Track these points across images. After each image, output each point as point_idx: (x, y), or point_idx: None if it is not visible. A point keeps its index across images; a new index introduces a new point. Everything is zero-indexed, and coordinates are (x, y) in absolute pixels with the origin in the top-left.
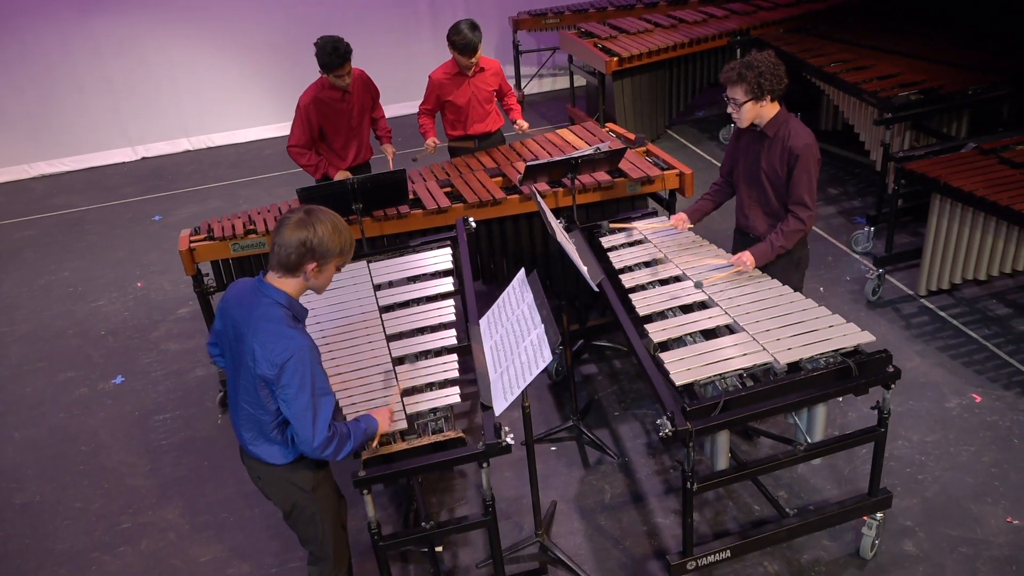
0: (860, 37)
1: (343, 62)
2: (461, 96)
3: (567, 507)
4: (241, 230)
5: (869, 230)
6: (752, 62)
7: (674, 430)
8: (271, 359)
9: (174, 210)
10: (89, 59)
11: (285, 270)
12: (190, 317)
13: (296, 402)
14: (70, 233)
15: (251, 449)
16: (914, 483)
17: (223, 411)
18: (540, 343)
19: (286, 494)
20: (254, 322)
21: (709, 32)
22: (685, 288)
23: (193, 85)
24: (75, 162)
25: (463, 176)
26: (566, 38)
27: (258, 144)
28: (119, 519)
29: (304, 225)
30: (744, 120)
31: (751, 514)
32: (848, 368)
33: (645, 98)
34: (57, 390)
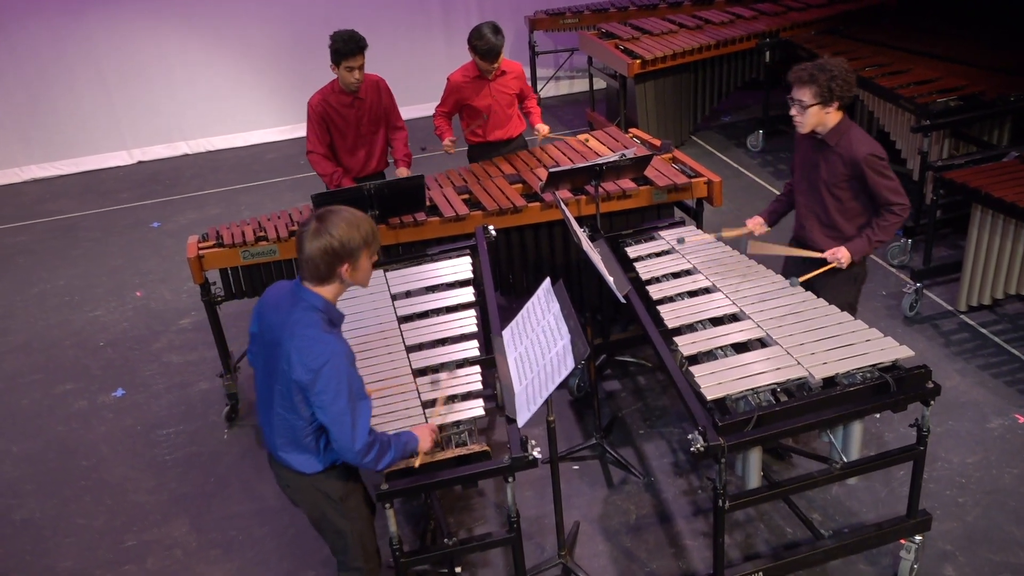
0: (896, 39)
1: (357, 50)
2: (481, 100)
3: (590, 528)
4: (252, 237)
5: (906, 242)
6: (826, 65)
7: (706, 445)
8: (306, 364)
9: (173, 216)
10: (83, 57)
11: (319, 280)
12: (193, 328)
13: (333, 407)
14: (64, 239)
15: (281, 456)
16: (954, 506)
17: (229, 425)
18: (566, 354)
19: (315, 503)
20: (290, 326)
21: (736, 34)
22: (715, 300)
23: (192, 85)
24: (68, 165)
25: (481, 182)
26: (585, 39)
27: (260, 148)
28: (123, 536)
29: (320, 233)
30: (806, 125)
31: (784, 537)
32: (886, 384)
33: (669, 102)
34: (55, 403)
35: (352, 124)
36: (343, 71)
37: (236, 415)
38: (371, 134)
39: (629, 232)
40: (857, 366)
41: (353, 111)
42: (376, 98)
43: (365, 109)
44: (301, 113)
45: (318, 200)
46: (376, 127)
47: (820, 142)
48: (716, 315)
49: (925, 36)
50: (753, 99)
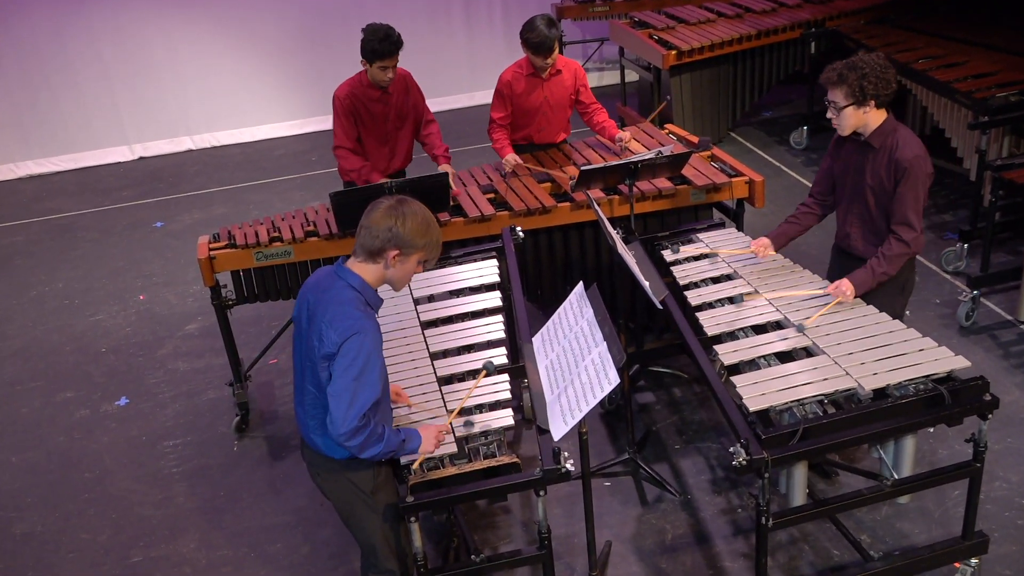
0: (951, 30)
1: (393, 51)
2: (532, 101)
3: (623, 548)
4: (265, 237)
5: (962, 247)
6: (856, 63)
7: (749, 459)
8: (334, 337)
9: (177, 216)
10: (85, 49)
11: (367, 254)
12: (199, 334)
13: (340, 380)
14: (62, 240)
15: (313, 438)
16: (1014, 528)
17: (239, 437)
18: (603, 362)
19: (344, 493)
20: (325, 303)
21: (779, 23)
22: (759, 307)
23: (197, 78)
24: (66, 162)
25: (508, 181)
26: (617, 28)
27: (268, 144)
28: (129, 552)
29: (395, 212)
30: (845, 127)
31: (829, 559)
32: (940, 396)
33: (706, 96)
34: (56, 411)
35: (380, 120)
36: (375, 70)
37: (246, 426)
38: (396, 131)
39: (665, 234)
40: (910, 377)
41: (381, 106)
42: (404, 93)
43: (392, 104)
44: (312, 108)
45: (337, 198)
46: (402, 123)
47: (864, 145)
48: (758, 322)
49: (983, 26)
50: (797, 93)
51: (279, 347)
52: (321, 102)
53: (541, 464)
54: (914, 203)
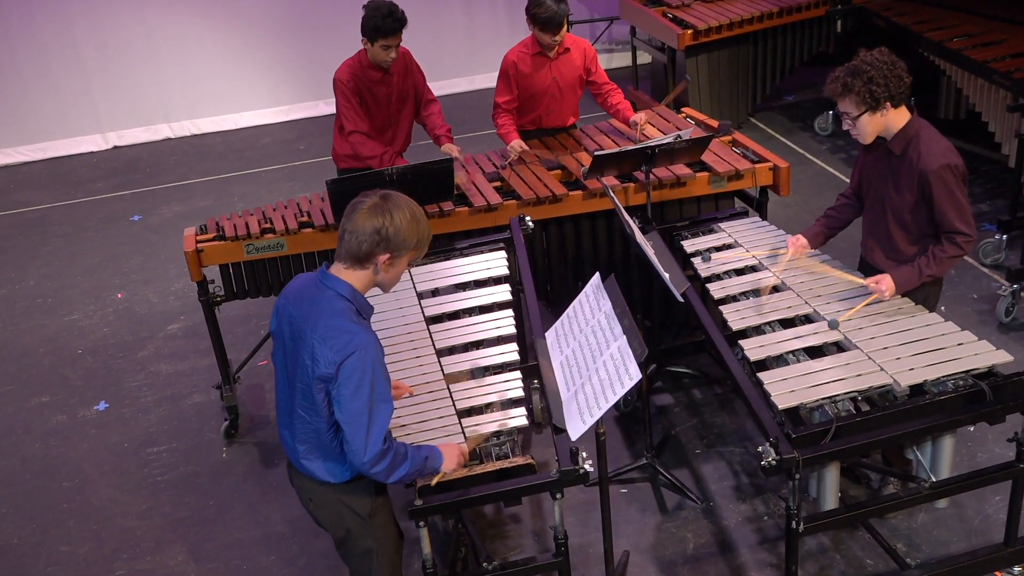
0: (988, 6)
1: (398, 29)
2: (539, 82)
3: (642, 558)
4: (257, 229)
5: (1001, 238)
6: (858, 67)
7: (779, 458)
8: (330, 356)
9: (155, 209)
10: (56, 31)
11: (354, 261)
12: (183, 334)
13: (351, 404)
14: (32, 235)
15: (304, 464)
16: None
17: (228, 443)
18: (623, 357)
19: (339, 519)
20: (315, 317)
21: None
22: (786, 299)
23: (177, 62)
24: (36, 151)
25: (515, 169)
26: (628, 6)
27: (253, 132)
28: (112, 565)
29: (380, 212)
30: (866, 136)
31: (863, 569)
32: (981, 392)
33: (724, 79)
34: (30, 417)
35: (382, 103)
36: (378, 49)
37: (236, 431)
38: (398, 112)
39: (685, 224)
40: (948, 372)
41: (383, 88)
42: (404, 73)
43: (394, 85)
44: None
45: (334, 186)
46: (403, 104)
47: (887, 150)
48: (786, 316)
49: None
50: (820, 77)
51: (269, 348)
52: (310, 87)
53: (558, 465)
54: (956, 209)
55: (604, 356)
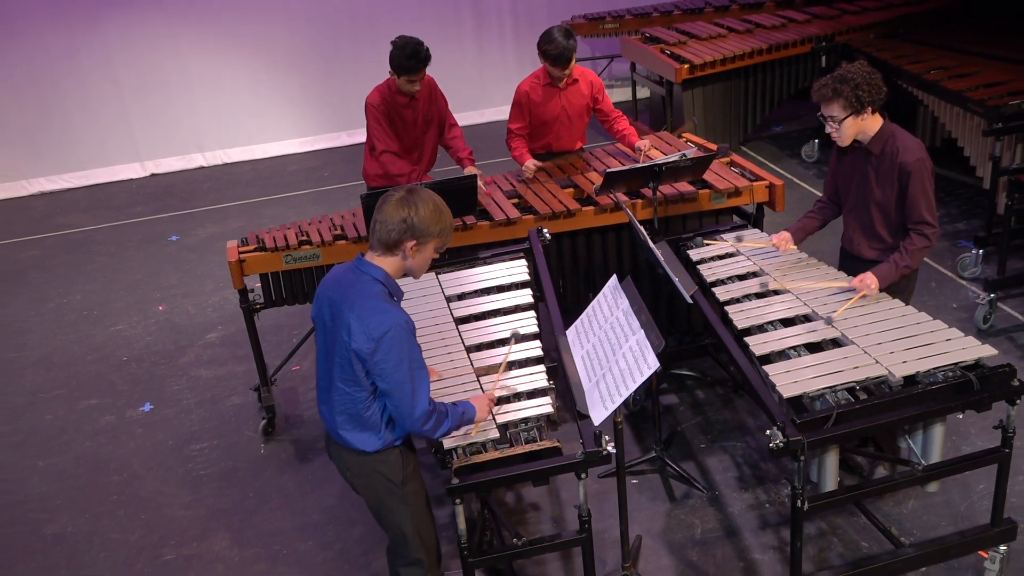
0: (961, 42)
1: (421, 67)
2: (550, 110)
3: (653, 542)
4: (294, 240)
5: (977, 253)
6: (845, 75)
7: (786, 441)
8: (368, 333)
9: (191, 230)
10: (97, 66)
11: (385, 248)
12: (220, 343)
13: (394, 376)
14: (77, 254)
15: (341, 434)
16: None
17: (266, 440)
18: (642, 349)
19: (374, 486)
20: (351, 298)
21: (789, 38)
22: (786, 302)
23: (210, 96)
24: (78, 178)
25: (531, 187)
26: (628, 44)
27: (280, 160)
28: (161, 551)
29: (406, 203)
30: (845, 138)
31: (858, 551)
32: (969, 382)
33: (718, 110)
34: (80, 418)
35: (409, 126)
36: (403, 82)
37: (272, 429)
38: (424, 135)
39: (690, 235)
40: (938, 364)
41: (410, 112)
42: (429, 99)
43: (420, 110)
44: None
45: (368, 200)
46: (428, 128)
47: (865, 152)
48: (787, 316)
49: (993, 38)
50: (806, 110)
51: (300, 355)
52: (332, 119)
53: (583, 447)
54: (926, 201)
55: (623, 349)
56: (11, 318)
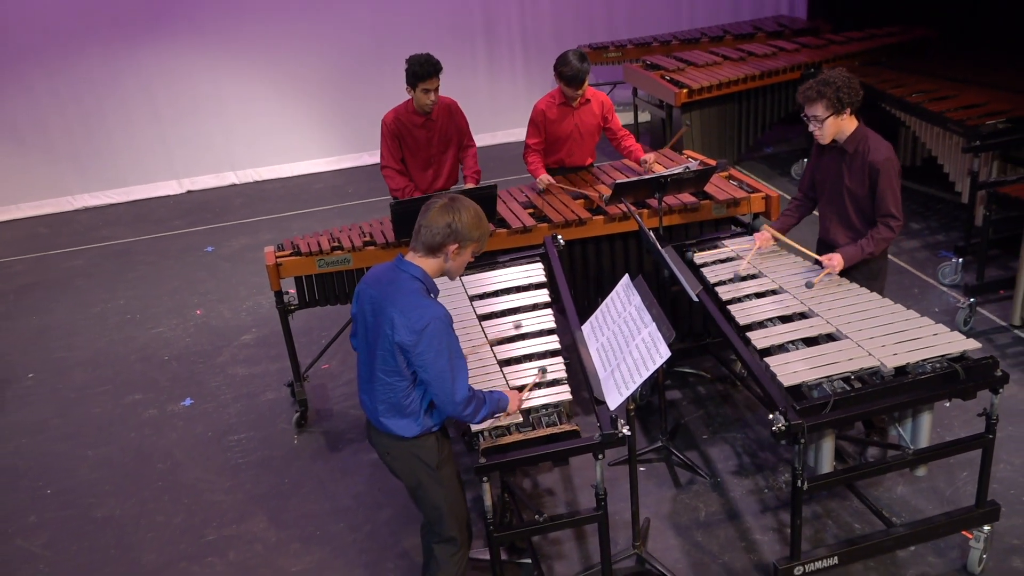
0: (939, 69)
1: (432, 72)
2: (564, 127)
3: (661, 524)
4: (327, 246)
5: (957, 262)
6: (827, 78)
7: (787, 424)
8: (410, 326)
9: (225, 242)
10: (138, 91)
11: (428, 250)
12: (254, 344)
13: (435, 366)
14: (119, 263)
15: (383, 422)
16: (1019, 504)
17: (299, 431)
18: (654, 340)
19: (412, 469)
20: (393, 294)
21: (779, 65)
22: (784, 300)
23: (242, 118)
24: (119, 195)
25: (545, 198)
26: (631, 71)
27: (307, 178)
28: (203, 531)
29: (450, 210)
30: (826, 136)
31: (852, 532)
32: (955, 372)
33: (714, 132)
34: (125, 412)
35: (423, 144)
36: (419, 93)
37: (305, 421)
38: (440, 154)
39: (693, 241)
40: (927, 356)
41: (424, 132)
42: (448, 120)
43: (436, 130)
44: (346, 145)
45: (397, 208)
46: (446, 147)
47: (841, 150)
48: (785, 313)
49: (969, 65)
50: (794, 133)
51: (329, 354)
52: (355, 140)
53: (600, 430)
54: (893, 197)
55: (636, 340)
56: (60, 321)
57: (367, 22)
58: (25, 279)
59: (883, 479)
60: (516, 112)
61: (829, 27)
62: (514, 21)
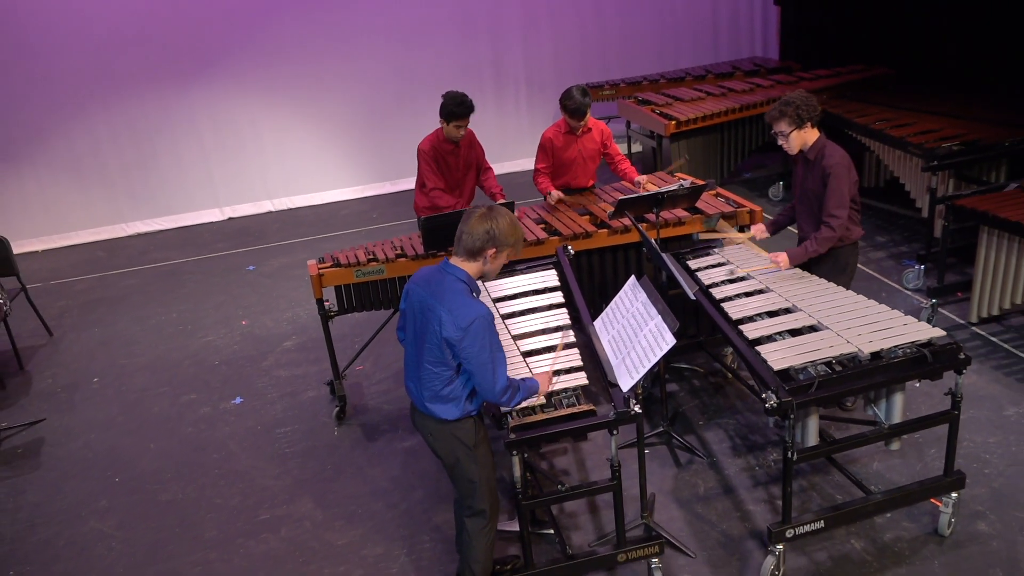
0: (897, 101)
1: (467, 113)
2: (569, 153)
3: (664, 499)
4: (364, 258)
5: (919, 268)
6: (788, 99)
7: (779, 401)
8: (457, 323)
9: (265, 261)
10: (186, 128)
11: (469, 254)
12: (295, 349)
13: (479, 358)
14: (170, 282)
15: (428, 406)
16: (981, 476)
17: (339, 424)
18: (660, 330)
19: (451, 448)
20: (441, 294)
21: (757, 99)
22: (770, 298)
23: (277, 152)
24: (168, 222)
25: (555, 214)
26: (624, 106)
27: (335, 205)
28: (257, 512)
29: (488, 218)
30: (793, 147)
31: (834, 501)
32: (923, 356)
33: (699, 159)
34: (182, 409)
35: (453, 169)
36: (451, 128)
37: (344, 415)
38: (464, 176)
39: (687, 251)
40: (898, 343)
41: (454, 158)
42: (469, 148)
43: (462, 156)
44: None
45: (426, 224)
46: (468, 170)
47: (806, 158)
48: (772, 309)
49: (922, 97)
50: (771, 160)
51: (363, 357)
52: (380, 170)
53: (614, 408)
54: (837, 198)
55: (644, 331)
56: (120, 331)
57: (388, 64)
58: (87, 296)
59: (860, 457)
60: (521, 144)
61: (799, 66)
62: (519, 63)
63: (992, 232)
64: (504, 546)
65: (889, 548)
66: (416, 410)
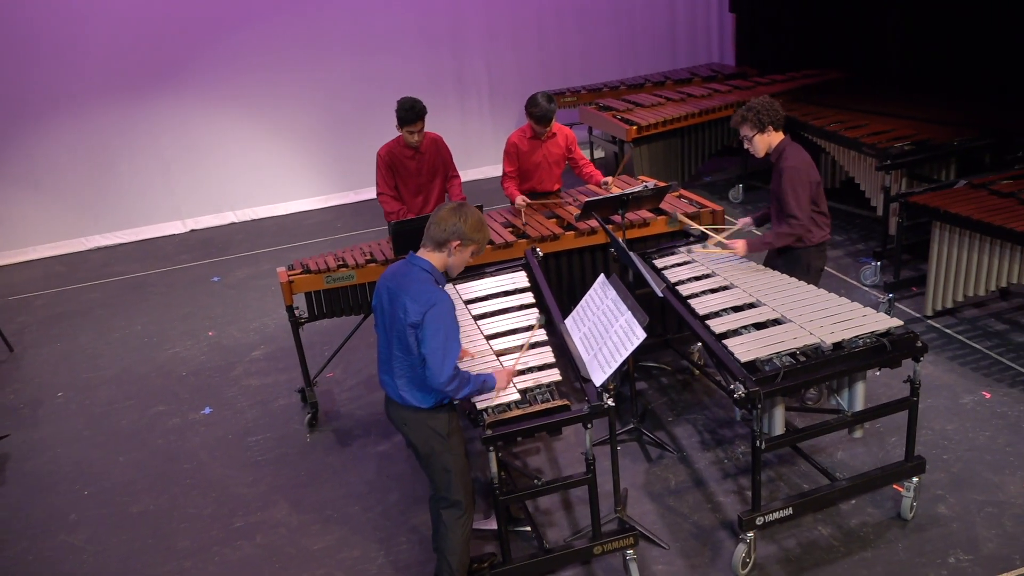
0: (850, 103)
1: (416, 119)
2: (534, 158)
3: (637, 493)
4: (333, 264)
5: (876, 265)
6: (751, 104)
7: (747, 391)
8: (418, 308)
9: (230, 272)
10: (146, 140)
11: (435, 244)
12: (264, 358)
13: (432, 342)
14: (134, 294)
15: (401, 395)
16: (940, 461)
17: (311, 430)
18: (630, 325)
19: (426, 437)
20: (406, 283)
21: (716, 104)
22: (735, 294)
23: (239, 162)
24: (129, 235)
25: (522, 217)
26: (586, 112)
27: (299, 215)
28: (232, 520)
29: (458, 211)
30: (758, 150)
31: (801, 489)
32: (883, 346)
33: (660, 163)
34: (151, 421)
35: (413, 174)
36: (405, 133)
37: (316, 421)
38: (429, 183)
39: (653, 250)
40: (859, 333)
41: (414, 163)
42: (435, 153)
43: (425, 162)
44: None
45: (395, 227)
46: (433, 177)
47: (769, 160)
48: (737, 304)
49: (874, 100)
50: (730, 164)
51: (333, 364)
52: (343, 180)
53: (588, 402)
54: (793, 199)
55: (615, 327)
56: (83, 346)
57: (350, 74)
58: (48, 311)
59: (825, 446)
60: (485, 151)
61: (755, 72)
62: (481, 70)
63: (944, 227)
64: (481, 544)
65: (855, 533)
66: (391, 402)
